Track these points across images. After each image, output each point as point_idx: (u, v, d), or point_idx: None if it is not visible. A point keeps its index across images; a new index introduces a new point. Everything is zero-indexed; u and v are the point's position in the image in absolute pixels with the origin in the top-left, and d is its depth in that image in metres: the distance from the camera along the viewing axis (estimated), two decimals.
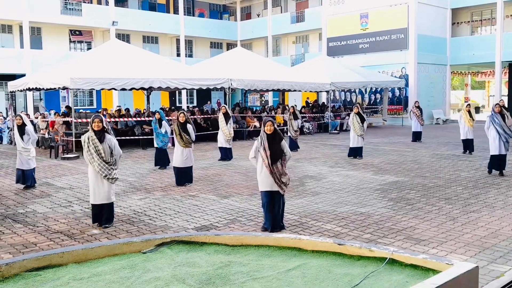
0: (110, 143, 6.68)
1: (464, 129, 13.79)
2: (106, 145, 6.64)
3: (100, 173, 6.61)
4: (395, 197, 8.45)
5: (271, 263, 3.28)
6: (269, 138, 6.24)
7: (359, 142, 13.28)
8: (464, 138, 13.91)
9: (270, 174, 6.18)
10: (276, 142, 6.23)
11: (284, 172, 6.26)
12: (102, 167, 6.60)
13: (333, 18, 29.74)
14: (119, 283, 2.95)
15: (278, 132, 6.31)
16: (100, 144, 6.59)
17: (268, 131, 6.23)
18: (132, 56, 17.31)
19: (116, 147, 6.76)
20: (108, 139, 6.68)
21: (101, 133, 6.64)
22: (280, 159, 6.23)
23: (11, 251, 5.77)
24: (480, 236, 6.10)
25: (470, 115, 13.58)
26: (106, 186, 6.71)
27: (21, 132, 9.72)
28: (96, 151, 6.58)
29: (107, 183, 6.69)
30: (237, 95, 33.94)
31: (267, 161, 6.17)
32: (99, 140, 6.60)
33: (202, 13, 37.79)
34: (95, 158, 6.59)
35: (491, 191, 8.86)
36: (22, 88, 17.88)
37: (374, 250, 3.24)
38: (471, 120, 13.56)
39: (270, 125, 6.25)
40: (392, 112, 27.62)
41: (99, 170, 6.60)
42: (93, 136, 6.61)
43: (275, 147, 6.21)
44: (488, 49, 26.50)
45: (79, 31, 30.64)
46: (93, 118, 6.72)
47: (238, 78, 18.60)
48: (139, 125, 17.61)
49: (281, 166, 6.23)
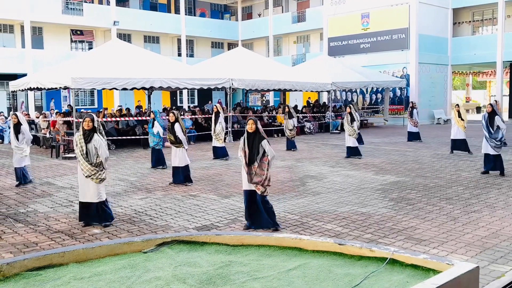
0: (96, 144, 6.65)
1: (453, 129, 13.83)
2: (92, 146, 6.65)
3: (82, 172, 6.67)
4: (396, 197, 8.45)
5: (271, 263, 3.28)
6: (249, 137, 6.26)
7: (351, 142, 13.34)
8: (453, 138, 13.93)
9: (247, 173, 6.23)
10: (255, 142, 6.22)
11: (261, 173, 6.19)
12: (85, 167, 6.64)
13: (334, 18, 29.74)
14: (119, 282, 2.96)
15: (260, 132, 6.28)
16: (85, 144, 6.63)
17: (249, 129, 6.26)
18: (133, 56, 17.32)
19: (101, 149, 6.68)
20: (95, 139, 6.65)
21: (89, 133, 6.65)
22: (258, 159, 6.21)
23: (12, 250, 5.77)
24: (481, 236, 6.10)
25: (459, 116, 13.59)
26: (92, 186, 6.74)
27: (16, 131, 9.76)
28: (80, 151, 6.63)
29: (92, 182, 6.72)
30: (238, 95, 33.95)
31: (244, 160, 6.25)
32: (85, 140, 6.63)
33: (203, 13, 37.80)
34: (79, 158, 6.67)
35: (492, 191, 8.85)
36: (24, 88, 17.90)
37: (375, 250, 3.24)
38: (460, 121, 13.58)
39: (251, 123, 6.27)
40: (393, 112, 27.61)
41: (82, 169, 6.67)
42: (80, 135, 6.66)
43: (253, 147, 6.22)
44: (489, 49, 26.49)
45: (80, 31, 30.67)
46: (85, 117, 6.77)
47: (239, 78, 18.60)
48: (140, 125, 17.62)
49: (259, 166, 6.20)
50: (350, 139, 13.35)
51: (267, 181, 6.25)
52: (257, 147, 6.22)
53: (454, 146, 14.08)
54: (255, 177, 6.21)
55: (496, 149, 10.24)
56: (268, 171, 6.26)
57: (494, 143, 10.19)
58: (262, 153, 6.24)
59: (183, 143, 9.85)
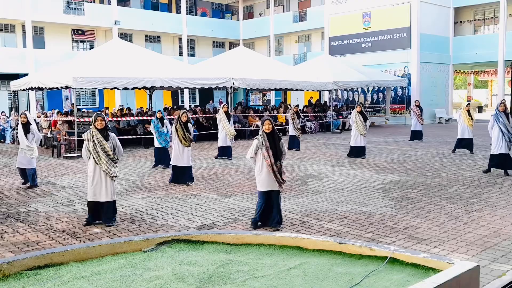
0: (113, 141, 6.77)
1: (462, 128, 13.77)
2: (111, 143, 6.71)
3: (106, 172, 6.65)
4: (397, 196, 8.44)
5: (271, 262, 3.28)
6: (269, 137, 6.27)
7: (362, 141, 13.24)
8: (461, 137, 13.88)
9: (273, 173, 6.21)
10: (276, 141, 6.28)
11: (283, 171, 6.36)
12: (109, 165, 6.64)
13: (336, 17, 29.72)
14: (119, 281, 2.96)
15: (276, 131, 6.36)
16: (106, 142, 6.64)
17: (267, 130, 6.27)
18: (134, 55, 17.33)
19: (118, 145, 6.84)
20: (112, 137, 6.78)
21: (105, 132, 6.69)
22: (280, 158, 6.30)
23: (13, 249, 5.78)
24: (482, 236, 6.08)
25: (469, 115, 13.55)
26: (110, 184, 6.75)
27: (25, 131, 9.72)
28: (103, 149, 6.61)
29: (110, 181, 6.73)
30: (239, 94, 33.94)
31: (270, 160, 6.19)
32: (104, 138, 6.63)
33: (205, 12, 37.80)
34: (102, 157, 6.61)
35: (493, 190, 8.84)
36: (25, 88, 17.91)
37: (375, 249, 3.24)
38: (470, 120, 13.54)
39: (268, 123, 6.28)
40: (394, 111, 27.58)
41: (106, 169, 6.63)
42: (98, 135, 6.62)
43: (276, 146, 6.25)
44: (491, 48, 26.44)
45: (81, 30, 30.68)
46: (96, 116, 6.73)
47: (240, 77, 18.60)
48: (141, 124, 17.63)
49: (281, 165, 6.31)
50: (361, 139, 13.20)
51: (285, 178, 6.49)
52: (279, 146, 6.30)
53: (460, 145, 14.00)
54: (283, 176, 6.34)
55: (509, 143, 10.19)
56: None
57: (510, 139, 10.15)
58: (282, 152, 6.34)
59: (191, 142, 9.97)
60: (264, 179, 6.31)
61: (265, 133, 6.26)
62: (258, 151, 6.31)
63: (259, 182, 6.39)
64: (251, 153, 6.36)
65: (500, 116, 10.20)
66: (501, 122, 10.14)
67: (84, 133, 6.87)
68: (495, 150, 10.31)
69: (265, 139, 6.24)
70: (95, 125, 6.66)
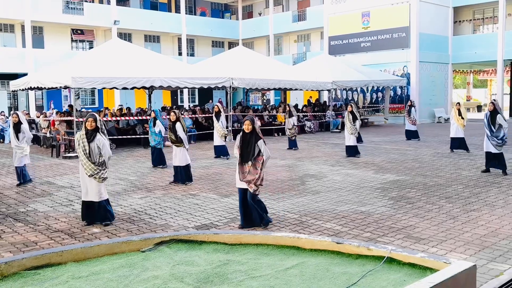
0: (99, 143, 6.71)
1: (453, 128, 13.83)
2: (95, 145, 6.69)
3: (85, 172, 6.70)
4: (395, 196, 8.45)
5: (269, 261, 3.28)
6: (244, 137, 6.32)
7: (351, 140, 13.33)
8: (453, 136, 13.93)
9: (239, 172, 6.31)
10: (251, 141, 6.28)
11: (254, 172, 6.26)
12: (88, 166, 6.67)
13: (335, 16, 29.72)
14: (117, 281, 2.96)
15: (256, 132, 6.34)
16: (87, 144, 6.66)
17: (246, 129, 6.31)
18: (133, 55, 17.33)
19: (105, 148, 6.75)
20: (98, 139, 6.71)
21: (92, 133, 6.69)
22: (252, 158, 6.27)
23: (12, 250, 5.79)
24: (480, 235, 6.10)
25: (459, 114, 13.59)
26: (94, 185, 6.78)
27: (16, 130, 9.77)
28: (83, 150, 6.65)
29: (94, 181, 6.75)
30: (239, 94, 33.94)
31: (239, 159, 6.34)
32: (88, 139, 6.67)
33: (204, 12, 37.79)
34: (82, 157, 6.70)
35: (492, 190, 8.85)
36: (24, 87, 17.91)
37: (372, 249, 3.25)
38: (461, 119, 13.58)
39: (247, 124, 6.33)
40: (393, 111, 27.59)
41: (85, 169, 6.71)
42: (83, 134, 6.68)
43: (249, 146, 6.27)
44: (490, 47, 26.45)
45: (81, 30, 30.67)
46: (88, 116, 6.80)
47: (240, 77, 18.60)
48: (141, 124, 17.63)
49: (253, 165, 6.26)
50: (351, 138, 13.34)
51: (259, 180, 6.31)
52: (253, 147, 6.28)
53: (453, 145, 14.09)
54: (248, 175, 6.29)
55: (497, 147, 10.24)
56: (262, 171, 6.33)
57: (495, 141, 10.18)
58: (258, 152, 6.30)
59: (184, 143, 9.83)
60: (236, 176, 6.46)
61: (242, 132, 6.33)
62: None
63: (236, 179, 6.55)
64: (235, 150, 6.50)
65: (486, 116, 10.30)
66: (486, 125, 10.23)
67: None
68: (484, 147, 10.56)
69: (239, 138, 6.36)
70: (85, 125, 6.69)
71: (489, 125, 10.20)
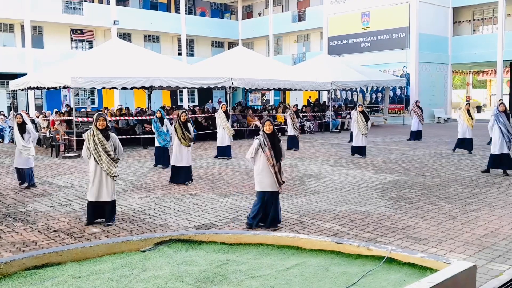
0: (114, 141, 6.82)
1: (462, 128, 13.78)
2: (111, 143, 6.75)
3: (107, 171, 6.68)
4: (395, 196, 8.45)
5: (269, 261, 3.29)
6: (270, 137, 6.29)
7: (363, 141, 13.28)
8: (461, 137, 13.89)
9: (274, 173, 6.21)
10: (276, 142, 6.30)
11: (282, 172, 6.39)
12: (110, 165, 6.68)
13: (334, 17, 29.73)
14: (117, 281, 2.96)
15: (277, 132, 6.38)
16: (107, 142, 6.67)
17: (267, 130, 6.28)
18: (133, 55, 17.32)
19: (119, 145, 6.89)
20: (113, 137, 6.84)
21: (106, 132, 6.72)
22: (280, 159, 6.33)
23: (12, 249, 5.78)
24: (479, 235, 6.10)
25: (469, 114, 13.56)
26: (110, 184, 6.78)
27: (21, 131, 9.73)
28: (104, 149, 6.65)
29: (111, 180, 6.76)
30: (238, 94, 33.94)
31: (272, 160, 6.19)
32: (105, 138, 6.66)
33: (204, 12, 37.79)
34: (103, 157, 6.65)
35: (491, 190, 8.85)
36: (24, 87, 17.90)
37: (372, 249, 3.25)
38: (470, 119, 13.54)
39: (269, 124, 6.30)
40: (393, 111, 27.60)
41: (106, 169, 6.66)
42: (99, 135, 6.66)
43: (276, 147, 6.27)
44: (489, 48, 26.47)
45: (80, 30, 30.66)
46: (97, 116, 6.77)
47: (239, 77, 18.60)
48: (140, 124, 17.63)
49: (280, 166, 6.34)
50: (362, 138, 13.20)
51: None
52: (279, 147, 6.31)
53: (460, 145, 14.01)
54: (283, 177, 6.36)
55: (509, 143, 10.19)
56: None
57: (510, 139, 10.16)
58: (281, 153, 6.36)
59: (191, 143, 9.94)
60: (264, 179, 6.29)
61: (266, 133, 6.28)
62: (258, 151, 6.31)
63: (259, 183, 6.37)
64: (251, 153, 6.33)
65: (500, 116, 10.22)
66: (501, 122, 10.15)
67: (84, 133, 6.89)
68: (496, 149, 10.31)
69: (267, 139, 6.26)
70: (96, 125, 6.68)
71: (506, 125, 10.13)
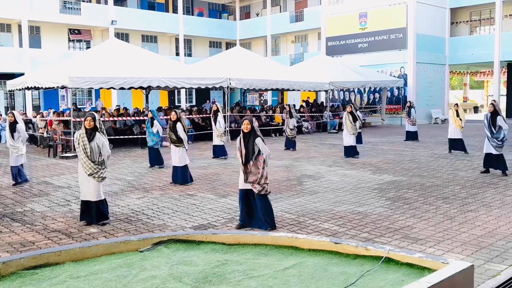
0: (99, 142, 6.72)
1: (451, 128, 13.87)
2: (95, 144, 6.70)
3: (85, 171, 6.71)
4: (392, 196, 8.46)
5: (267, 261, 3.29)
6: (244, 137, 6.30)
7: (351, 140, 13.33)
8: (451, 138, 13.95)
9: (243, 172, 6.28)
10: (250, 141, 6.26)
11: (256, 171, 6.21)
12: (88, 165, 6.68)
13: (332, 17, 29.76)
14: (116, 281, 2.96)
15: (255, 131, 6.31)
16: (88, 143, 6.67)
17: (245, 129, 6.30)
18: (131, 55, 17.30)
19: (104, 147, 6.77)
20: (97, 138, 6.73)
21: (91, 132, 6.70)
22: (253, 158, 6.24)
23: (9, 250, 5.77)
24: (477, 235, 6.12)
25: (457, 115, 13.60)
26: (92, 184, 6.77)
27: (12, 130, 9.75)
28: (83, 149, 6.65)
29: (93, 181, 6.75)
30: (236, 95, 33.94)
31: (241, 160, 6.29)
32: (88, 138, 6.67)
33: (201, 12, 37.78)
34: (81, 156, 6.70)
35: (488, 190, 8.88)
36: (21, 87, 17.86)
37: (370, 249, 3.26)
38: (458, 120, 13.59)
39: (246, 123, 6.31)
40: (390, 111, 27.65)
41: (84, 168, 6.71)
42: (83, 134, 6.68)
43: (249, 146, 6.25)
44: (486, 48, 26.55)
45: (78, 30, 30.62)
46: (86, 116, 6.81)
47: (237, 78, 18.60)
48: (138, 124, 17.61)
49: (254, 165, 6.22)
50: (351, 138, 13.31)
51: (263, 179, 6.26)
52: (252, 146, 6.26)
53: (451, 146, 14.10)
54: (251, 176, 6.25)
55: (497, 148, 10.27)
56: (264, 169, 6.27)
57: (495, 142, 10.22)
58: (257, 151, 6.26)
59: (184, 143, 9.84)
60: (240, 177, 6.41)
61: (242, 132, 6.32)
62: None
63: (239, 180, 6.50)
64: (238, 152, 6.44)
65: (486, 117, 10.34)
66: (486, 126, 10.27)
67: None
68: (485, 149, 10.58)
69: (241, 139, 6.32)
70: (84, 125, 6.70)
71: (490, 126, 10.23)
